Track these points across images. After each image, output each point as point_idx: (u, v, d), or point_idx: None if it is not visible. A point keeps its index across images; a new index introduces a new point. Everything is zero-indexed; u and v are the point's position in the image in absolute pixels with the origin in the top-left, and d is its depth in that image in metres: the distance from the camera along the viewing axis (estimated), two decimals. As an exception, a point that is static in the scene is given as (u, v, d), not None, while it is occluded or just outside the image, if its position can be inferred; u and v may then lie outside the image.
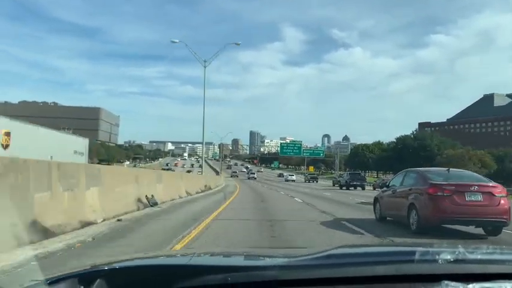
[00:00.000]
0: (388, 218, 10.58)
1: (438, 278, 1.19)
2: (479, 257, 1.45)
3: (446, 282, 1.16)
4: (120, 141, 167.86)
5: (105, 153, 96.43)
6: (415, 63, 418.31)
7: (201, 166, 48.01)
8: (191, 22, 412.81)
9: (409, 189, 9.19)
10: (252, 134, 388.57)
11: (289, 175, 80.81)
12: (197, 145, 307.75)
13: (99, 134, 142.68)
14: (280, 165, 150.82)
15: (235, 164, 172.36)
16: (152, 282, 1.24)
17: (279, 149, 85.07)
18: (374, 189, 38.52)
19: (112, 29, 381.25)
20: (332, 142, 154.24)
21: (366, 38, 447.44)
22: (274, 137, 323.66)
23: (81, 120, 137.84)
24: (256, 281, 1.21)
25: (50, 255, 5.48)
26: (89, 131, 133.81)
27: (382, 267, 1.29)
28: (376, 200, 11.33)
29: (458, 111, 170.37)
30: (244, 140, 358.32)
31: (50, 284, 1.23)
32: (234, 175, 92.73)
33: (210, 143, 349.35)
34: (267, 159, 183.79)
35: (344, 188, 40.72)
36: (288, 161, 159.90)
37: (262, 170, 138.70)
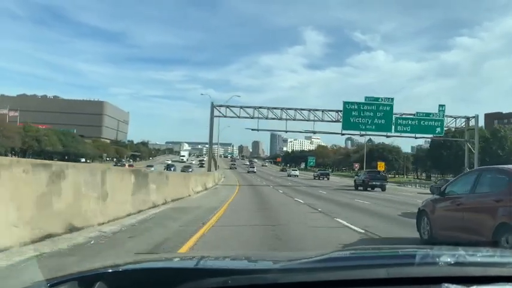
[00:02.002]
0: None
1: (438, 280, 1.22)
2: (479, 259, 1.53)
3: (446, 285, 1.19)
4: (136, 141, 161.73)
5: (61, 144, 77.02)
6: (439, 66, 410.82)
7: (201, 165, 41.12)
8: (212, 25, 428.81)
9: (496, 200, 6.50)
10: (273, 136, 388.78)
11: (293, 170, 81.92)
12: (214, 146, 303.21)
13: (102, 130, 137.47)
14: (307, 167, 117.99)
15: (243, 158, 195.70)
16: (152, 285, 1.28)
17: (340, 116, 38.45)
18: (432, 193, 29.99)
19: (135, 33, 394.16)
20: (355, 146, 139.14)
21: (388, 41, 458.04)
22: (298, 136, 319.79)
23: (83, 115, 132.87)
24: (257, 284, 1.25)
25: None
26: (91, 127, 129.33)
27: (383, 269, 1.31)
28: (422, 213, 8.66)
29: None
30: (265, 143, 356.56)
31: (50, 286, 1.27)
32: (232, 167, 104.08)
33: (229, 144, 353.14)
34: (292, 159, 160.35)
35: (361, 188, 36.68)
36: (324, 158, 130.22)
37: (266, 164, 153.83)
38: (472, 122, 40.80)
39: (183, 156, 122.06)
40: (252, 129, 39.91)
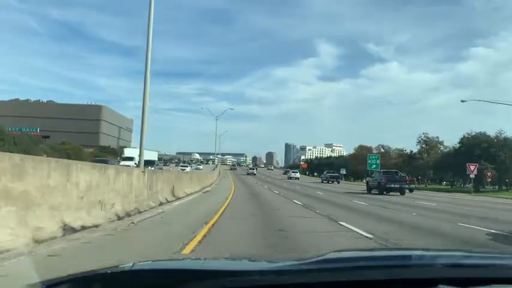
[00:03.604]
0: None
1: (435, 282, 1.21)
2: (475, 261, 1.53)
3: (442, 286, 1.19)
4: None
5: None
6: (455, 77, 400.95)
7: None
8: (227, 40, 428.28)
9: None
10: (288, 147, 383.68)
11: (293, 172, 78.52)
12: (227, 156, 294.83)
13: (100, 137, 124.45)
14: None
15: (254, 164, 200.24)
16: (149, 287, 1.29)
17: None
18: None
19: (151, 47, 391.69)
20: (421, 144, 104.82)
21: (402, 52, 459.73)
22: (318, 144, 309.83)
23: (79, 121, 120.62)
24: (253, 286, 1.26)
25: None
26: (87, 134, 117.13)
27: (379, 271, 1.33)
28: None
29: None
30: (280, 154, 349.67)
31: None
32: (233, 168, 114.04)
33: (242, 154, 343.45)
34: (316, 166, 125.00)
35: (375, 191, 32.09)
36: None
37: (272, 168, 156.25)
38: None
39: (130, 159, 47.22)
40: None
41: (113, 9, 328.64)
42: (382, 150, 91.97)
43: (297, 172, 78.33)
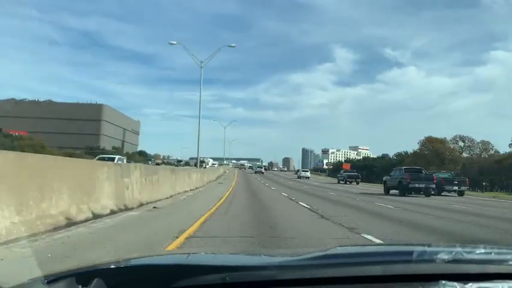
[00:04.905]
0: None
1: (436, 277, 1.23)
2: (476, 257, 1.54)
3: (443, 282, 1.20)
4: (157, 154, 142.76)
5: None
6: (473, 81, 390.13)
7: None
8: (242, 46, 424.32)
9: None
10: (305, 152, 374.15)
11: (303, 171, 78.04)
12: (242, 161, 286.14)
13: (100, 139, 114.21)
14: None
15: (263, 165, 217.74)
16: (150, 282, 1.28)
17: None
18: None
19: (167, 55, 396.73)
20: None
21: (420, 56, 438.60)
22: (342, 147, 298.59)
23: (79, 122, 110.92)
24: (255, 281, 1.26)
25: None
26: (86, 136, 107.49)
27: (380, 267, 1.34)
28: None
29: None
30: (296, 159, 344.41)
31: (48, 282, 1.27)
32: (241, 167, 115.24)
33: (258, 159, 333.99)
34: (358, 167, 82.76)
35: (394, 191, 28.21)
36: (442, 163, 64.79)
37: (285, 169, 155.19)
38: None
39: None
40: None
41: (129, 18, 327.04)
42: (461, 143, 72.50)
43: (307, 171, 77.62)
